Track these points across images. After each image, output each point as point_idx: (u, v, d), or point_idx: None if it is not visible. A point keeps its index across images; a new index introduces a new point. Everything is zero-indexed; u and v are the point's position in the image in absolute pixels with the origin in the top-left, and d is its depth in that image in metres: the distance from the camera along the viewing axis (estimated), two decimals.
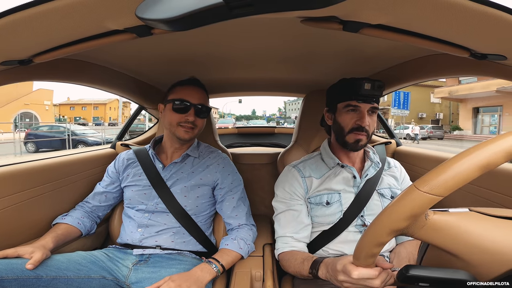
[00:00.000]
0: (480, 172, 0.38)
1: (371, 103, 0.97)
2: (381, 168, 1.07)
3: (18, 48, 0.62)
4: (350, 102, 0.98)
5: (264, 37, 0.88)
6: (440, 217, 0.44)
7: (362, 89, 0.94)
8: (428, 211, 0.45)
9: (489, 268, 0.42)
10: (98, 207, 1.17)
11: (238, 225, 1.13)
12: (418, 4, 0.45)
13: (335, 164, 1.05)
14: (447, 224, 0.44)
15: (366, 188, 1.01)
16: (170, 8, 0.36)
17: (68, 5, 0.45)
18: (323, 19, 0.54)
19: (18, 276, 0.76)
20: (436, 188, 0.38)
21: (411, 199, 0.40)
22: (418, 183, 0.40)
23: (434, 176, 0.39)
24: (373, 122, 1.00)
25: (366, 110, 0.97)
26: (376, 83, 0.94)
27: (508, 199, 0.89)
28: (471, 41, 0.58)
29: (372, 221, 0.47)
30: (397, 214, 0.42)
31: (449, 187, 0.37)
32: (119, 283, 0.96)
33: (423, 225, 0.44)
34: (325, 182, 1.03)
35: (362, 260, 0.54)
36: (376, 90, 0.95)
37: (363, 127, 0.96)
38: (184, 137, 1.09)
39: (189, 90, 1.10)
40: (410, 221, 0.42)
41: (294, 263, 0.91)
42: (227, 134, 2.73)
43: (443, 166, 0.39)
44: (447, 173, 0.38)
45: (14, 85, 22.33)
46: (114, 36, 0.58)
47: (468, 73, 0.89)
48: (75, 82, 1.11)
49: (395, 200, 0.43)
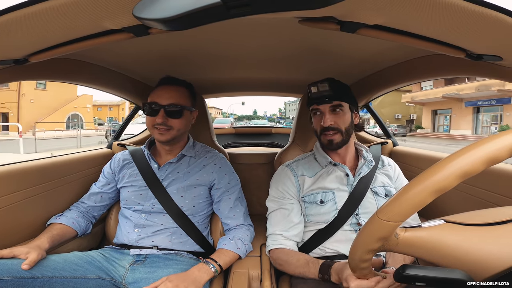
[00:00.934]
0: (434, 196, 0.41)
1: (328, 102, 1.01)
2: (374, 166, 1.08)
3: (13, 48, 0.61)
4: (313, 107, 1.07)
5: (261, 37, 0.88)
6: (412, 234, 0.47)
7: (311, 93, 1.03)
8: (398, 230, 0.47)
9: (474, 274, 0.43)
10: (93, 207, 1.17)
11: (235, 225, 1.13)
12: (415, 4, 0.45)
13: (327, 162, 1.07)
14: (420, 239, 0.47)
15: (359, 187, 1.02)
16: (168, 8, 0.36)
17: (64, 4, 0.44)
18: (321, 19, 0.54)
19: (13, 277, 0.75)
20: (393, 217, 0.41)
21: (374, 227, 0.44)
22: (380, 212, 0.43)
23: (391, 205, 0.42)
24: (340, 119, 1.03)
25: (326, 110, 1.02)
26: (319, 84, 1.00)
27: (505, 199, 0.90)
28: (467, 41, 0.59)
29: (353, 242, 0.51)
30: (369, 238, 0.46)
31: (405, 214, 0.41)
32: (115, 283, 0.95)
33: (397, 243, 0.47)
34: (318, 180, 1.05)
35: (357, 272, 0.59)
36: (323, 91, 1.00)
37: (326, 127, 1.01)
38: (160, 139, 1.07)
39: (160, 91, 1.07)
40: (382, 242, 0.46)
41: (296, 263, 0.93)
42: (224, 134, 2.73)
43: (400, 194, 0.42)
44: (402, 202, 0.41)
45: (62, 91, 23.06)
46: (111, 36, 0.58)
47: (464, 73, 0.90)
48: (71, 82, 1.10)
49: (364, 226, 0.47)
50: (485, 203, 0.96)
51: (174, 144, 1.14)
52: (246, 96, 6.76)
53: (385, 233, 0.43)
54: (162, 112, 1.04)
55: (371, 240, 0.45)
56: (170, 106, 1.05)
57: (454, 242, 0.45)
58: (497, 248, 0.43)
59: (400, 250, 0.48)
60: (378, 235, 0.44)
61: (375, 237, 0.45)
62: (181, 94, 1.09)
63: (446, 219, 0.49)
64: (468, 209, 0.60)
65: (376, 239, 0.45)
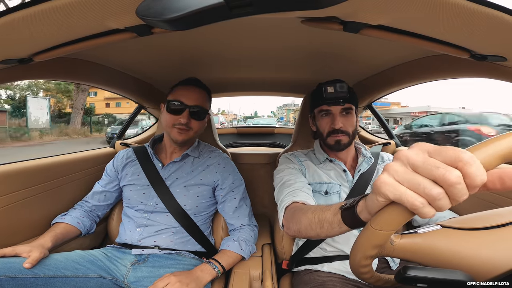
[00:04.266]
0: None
1: (341, 104, 0.99)
2: (374, 162, 1.08)
3: (18, 47, 0.62)
4: (322, 107, 1.03)
5: (264, 37, 0.88)
6: (407, 240, 0.47)
7: (326, 93, 0.98)
8: (393, 237, 0.47)
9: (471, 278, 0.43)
10: (98, 207, 1.17)
11: (240, 225, 1.13)
12: (419, 5, 0.45)
13: (324, 159, 1.08)
14: (416, 245, 0.47)
15: (360, 183, 1.02)
16: (171, 8, 0.36)
17: (69, 4, 0.45)
18: (324, 20, 0.54)
19: (15, 275, 0.76)
20: (385, 226, 0.41)
21: (368, 236, 0.44)
22: (372, 222, 0.43)
23: (380, 216, 0.42)
24: (349, 122, 1.01)
25: (337, 112, 1.00)
26: (337, 84, 0.97)
27: (505, 199, 0.89)
28: (472, 42, 0.58)
29: (351, 247, 0.50)
30: (364, 245, 0.46)
31: (396, 225, 0.40)
32: (117, 282, 0.95)
33: (393, 250, 0.47)
34: (321, 171, 1.05)
35: (359, 276, 0.57)
36: (340, 92, 0.97)
37: (337, 129, 0.99)
38: (177, 138, 1.07)
39: (186, 91, 1.08)
40: (378, 249, 0.46)
41: (311, 208, 0.69)
42: (226, 134, 2.73)
43: (391, 204, 0.41)
44: (390, 214, 0.40)
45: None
46: (115, 35, 0.58)
47: (467, 74, 0.89)
48: (75, 81, 1.10)
49: (359, 234, 0.47)
50: (484, 203, 0.96)
51: (185, 144, 1.14)
52: (245, 97, 6.57)
53: (379, 242, 0.44)
54: (186, 112, 1.05)
55: (367, 248, 0.46)
56: (195, 107, 1.06)
57: (450, 248, 0.45)
58: (494, 253, 0.43)
59: (397, 255, 0.48)
60: (373, 243, 0.44)
61: (370, 245, 0.45)
62: (204, 96, 1.11)
63: (442, 224, 0.49)
64: (466, 211, 0.60)
65: (372, 246, 0.45)
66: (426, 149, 0.35)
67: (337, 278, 0.91)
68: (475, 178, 0.31)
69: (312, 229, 0.64)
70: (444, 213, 0.94)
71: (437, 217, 0.93)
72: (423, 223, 1.00)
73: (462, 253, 0.44)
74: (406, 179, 0.35)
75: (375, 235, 0.43)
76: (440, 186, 0.33)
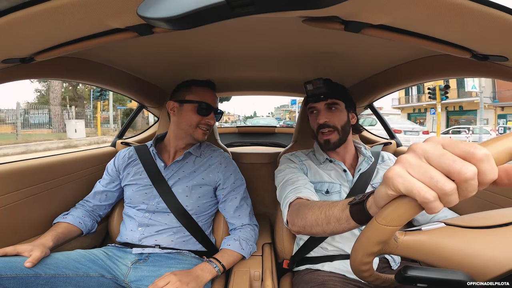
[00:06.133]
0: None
1: (323, 100, 1.02)
2: (374, 162, 1.08)
3: (20, 46, 0.62)
4: (310, 105, 1.07)
5: (265, 37, 0.87)
6: (411, 237, 0.47)
7: (307, 91, 1.03)
8: (397, 233, 0.47)
9: (474, 277, 0.43)
10: (99, 206, 1.17)
11: (241, 225, 1.13)
12: (420, 4, 0.44)
13: (324, 159, 1.08)
14: (420, 242, 0.47)
15: (360, 183, 1.02)
16: (172, 7, 0.36)
17: (70, 3, 0.45)
18: (325, 19, 0.54)
19: (16, 274, 0.76)
20: (391, 221, 0.40)
21: (373, 231, 0.44)
22: (378, 217, 0.42)
23: (387, 210, 0.41)
24: (336, 117, 1.03)
25: (322, 108, 1.03)
26: (315, 81, 1.01)
27: (507, 200, 0.89)
28: (473, 42, 0.58)
29: (353, 245, 0.50)
30: (367, 242, 0.45)
31: (403, 220, 0.40)
32: (117, 281, 0.96)
33: (396, 246, 0.47)
34: (322, 171, 1.06)
35: (359, 275, 0.56)
36: (318, 88, 1.01)
37: (322, 124, 1.01)
38: (202, 138, 1.13)
39: (209, 93, 1.14)
40: (381, 246, 0.45)
41: (317, 204, 0.69)
42: (227, 133, 2.73)
43: (398, 198, 0.40)
44: (397, 209, 0.40)
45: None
46: (116, 35, 0.58)
47: (468, 74, 0.89)
48: (76, 80, 1.10)
49: (363, 230, 0.47)
50: (486, 203, 0.95)
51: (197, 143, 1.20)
52: (245, 98, 6.54)
53: (384, 237, 0.43)
54: (213, 114, 1.13)
55: (370, 244, 0.45)
56: (218, 110, 1.18)
57: (454, 246, 0.45)
58: (498, 251, 0.43)
59: (400, 253, 0.48)
60: (377, 239, 0.44)
61: (374, 240, 0.44)
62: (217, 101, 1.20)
63: (446, 222, 0.49)
64: (469, 211, 0.60)
65: (375, 242, 0.44)
66: (441, 143, 0.34)
67: (338, 277, 0.91)
68: (488, 175, 0.31)
69: (318, 224, 0.63)
70: (445, 213, 0.94)
71: (437, 217, 0.93)
72: (424, 223, 1.00)
73: (465, 252, 0.44)
74: (419, 172, 0.34)
75: (380, 231, 0.42)
76: (452, 181, 0.32)
